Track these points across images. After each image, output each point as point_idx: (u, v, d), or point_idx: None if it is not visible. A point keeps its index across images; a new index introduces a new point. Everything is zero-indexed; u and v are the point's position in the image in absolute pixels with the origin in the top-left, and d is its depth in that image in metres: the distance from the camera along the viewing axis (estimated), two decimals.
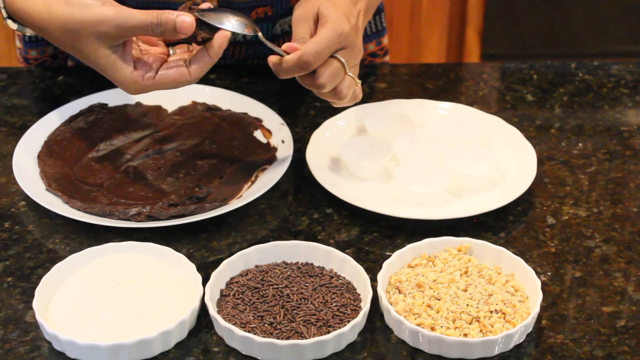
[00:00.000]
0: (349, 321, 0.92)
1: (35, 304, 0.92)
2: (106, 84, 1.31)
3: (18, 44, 1.39)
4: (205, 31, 0.99)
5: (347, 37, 1.04)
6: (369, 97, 1.33)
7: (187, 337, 0.93)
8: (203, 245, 1.05)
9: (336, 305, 0.95)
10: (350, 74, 1.04)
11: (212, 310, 0.93)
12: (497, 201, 1.09)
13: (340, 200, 1.09)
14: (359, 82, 1.06)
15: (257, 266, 1.00)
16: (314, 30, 1.05)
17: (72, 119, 1.22)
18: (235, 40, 1.33)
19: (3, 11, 1.05)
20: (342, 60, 1.03)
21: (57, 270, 0.97)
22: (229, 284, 0.98)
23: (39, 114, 1.23)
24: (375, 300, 0.96)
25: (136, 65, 1.00)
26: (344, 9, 1.06)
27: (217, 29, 0.99)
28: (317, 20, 1.05)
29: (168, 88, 1.01)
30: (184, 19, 0.97)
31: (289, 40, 1.30)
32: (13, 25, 1.06)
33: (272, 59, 1.03)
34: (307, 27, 1.05)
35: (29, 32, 1.07)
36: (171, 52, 1.04)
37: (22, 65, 1.40)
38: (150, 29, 0.97)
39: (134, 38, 1.04)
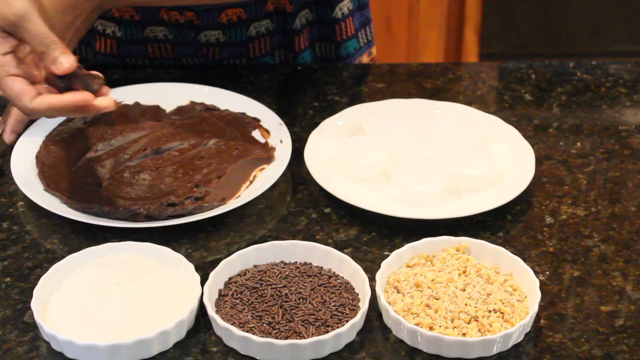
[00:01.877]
0: (347, 321, 0.92)
1: (33, 304, 0.92)
2: None
3: None
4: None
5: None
6: (367, 96, 1.33)
7: (186, 337, 0.93)
8: (201, 245, 1.05)
9: (335, 305, 0.95)
10: None
11: (211, 310, 0.93)
12: (495, 201, 1.09)
13: (338, 200, 1.09)
14: None
15: (255, 266, 1.00)
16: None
17: (70, 118, 1.22)
18: (208, 42, 1.33)
19: None
20: None
21: (56, 270, 0.97)
22: (227, 283, 0.98)
23: None
24: (373, 299, 0.96)
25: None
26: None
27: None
28: None
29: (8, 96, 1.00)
30: (64, 60, 0.97)
31: (265, 42, 1.30)
32: None
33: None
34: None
35: None
36: None
37: None
38: (38, 42, 0.98)
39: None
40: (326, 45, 1.40)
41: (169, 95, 1.27)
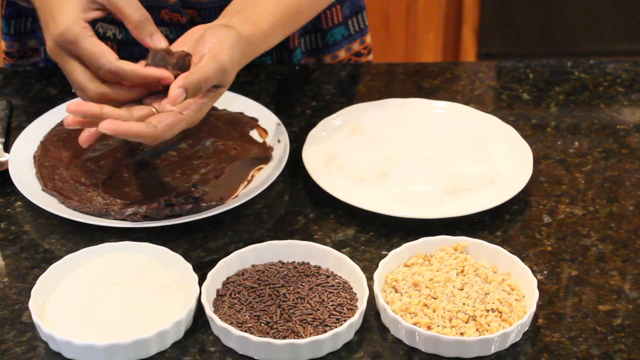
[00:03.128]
0: (345, 320, 0.92)
1: (31, 304, 0.92)
2: None
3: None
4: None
5: (226, 76, 1.03)
6: (365, 96, 1.33)
7: (184, 337, 0.93)
8: (199, 245, 1.05)
9: (332, 305, 0.95)
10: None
11: (209, 310, 0.93)
12: (493, 200, 1.09)
13: (336, 199, 1.09)
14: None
15: (253, 266, 1.00)
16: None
17: None
18: None
19: None
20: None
21: (53, 270, 0.97)
22: (225, 283, 0.98)
23: (34, 114, 1.23)
24: (371, 299, 0.96)
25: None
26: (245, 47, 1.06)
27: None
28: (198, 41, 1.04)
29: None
30: (161, 37, 1.02)
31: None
32: None
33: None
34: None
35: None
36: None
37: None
38: (138, 12, 1.00)
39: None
40: (311, 37, 1.40)
41: None
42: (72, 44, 1.00)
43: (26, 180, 1.11)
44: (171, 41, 1.33)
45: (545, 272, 1.02)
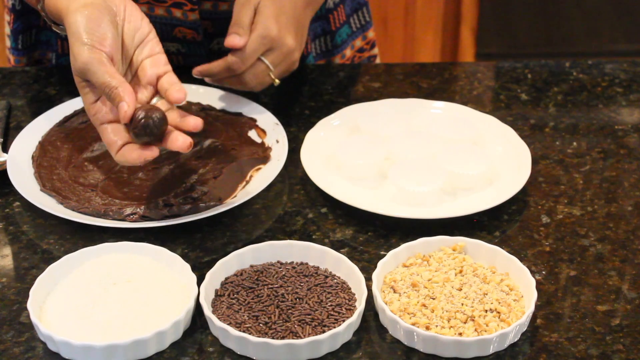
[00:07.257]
0: (344, 320, 0.92)
1: (29, 304, 0.92)
2: None
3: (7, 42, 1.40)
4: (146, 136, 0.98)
5: (273, 40, 1.16)
6: (363, 96, 1.33)
7: (182, 337, 0.93)
8: (198, 245, 1.05)
9: (331, 305, 0.95)
10: (272, 75, 1.19)
11: (207, 310, 0.93)
12: (491, 200, 1.09)
13: (334, 199, 1.09)
14: (277, 82, 1.20)
15: (251, 266, 1.00)
16: (253, 17, 1.16)
17: (67, 119, 1.22)
18: (221, 50, 1.33)
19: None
20: (267, 62, 1.17)
21: (52, 270, 0.97)
22: (223, 283, 0.98)
23: (33, 115, 1.23)
24: (370, 299, 0.96)
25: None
26: (280, 6, 1.16)
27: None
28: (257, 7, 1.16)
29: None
30: (123, 106, 0.96)
31: None
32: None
33: (198, 68, 1.20)
34: (248, 12, 1.16)
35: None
36: (155, 100, 1.03)
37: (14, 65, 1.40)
38: (102, 93, 0.98)
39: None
40: (320, 40, 1.40)
41: None
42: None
43: (25, 180, 1.11)
44: (183, 55, 1.33)
45: (543, 272, 1.02)
